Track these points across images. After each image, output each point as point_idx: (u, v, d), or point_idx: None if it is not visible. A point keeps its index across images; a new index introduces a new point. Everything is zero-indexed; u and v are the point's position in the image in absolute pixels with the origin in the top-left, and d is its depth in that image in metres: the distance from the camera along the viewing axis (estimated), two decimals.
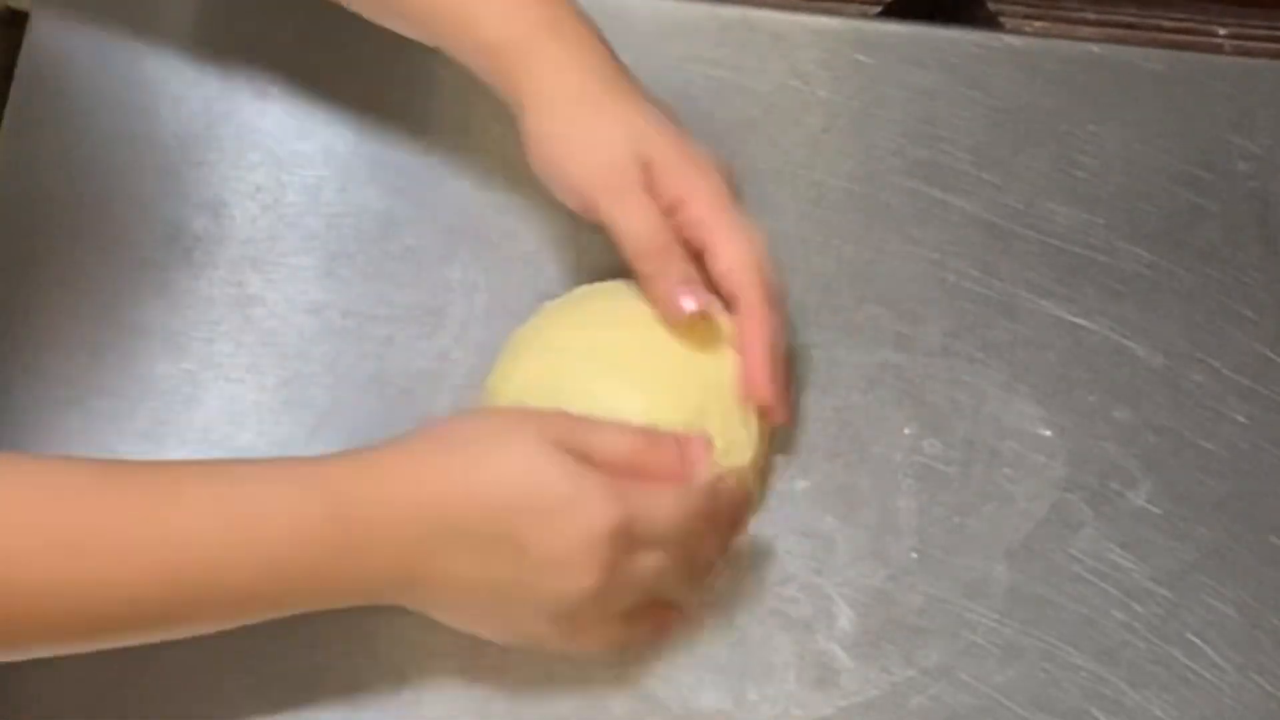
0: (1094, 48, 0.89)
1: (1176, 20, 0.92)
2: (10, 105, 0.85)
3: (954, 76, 0.87)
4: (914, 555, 0.78)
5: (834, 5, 0.91)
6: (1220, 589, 0.78)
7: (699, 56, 0.77)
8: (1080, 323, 0.83)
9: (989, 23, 0.92)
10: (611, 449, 0.69)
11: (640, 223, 0.73)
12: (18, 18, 0.88)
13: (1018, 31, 0.91)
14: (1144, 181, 0.86)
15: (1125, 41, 0.90)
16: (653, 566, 0.69)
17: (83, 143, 0.85)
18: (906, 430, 0.80)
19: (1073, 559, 0.78)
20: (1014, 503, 0.79)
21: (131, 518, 0.64)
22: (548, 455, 0.67)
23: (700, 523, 0.71)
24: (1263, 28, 0.91)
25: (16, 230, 0.83)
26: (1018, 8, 0.92)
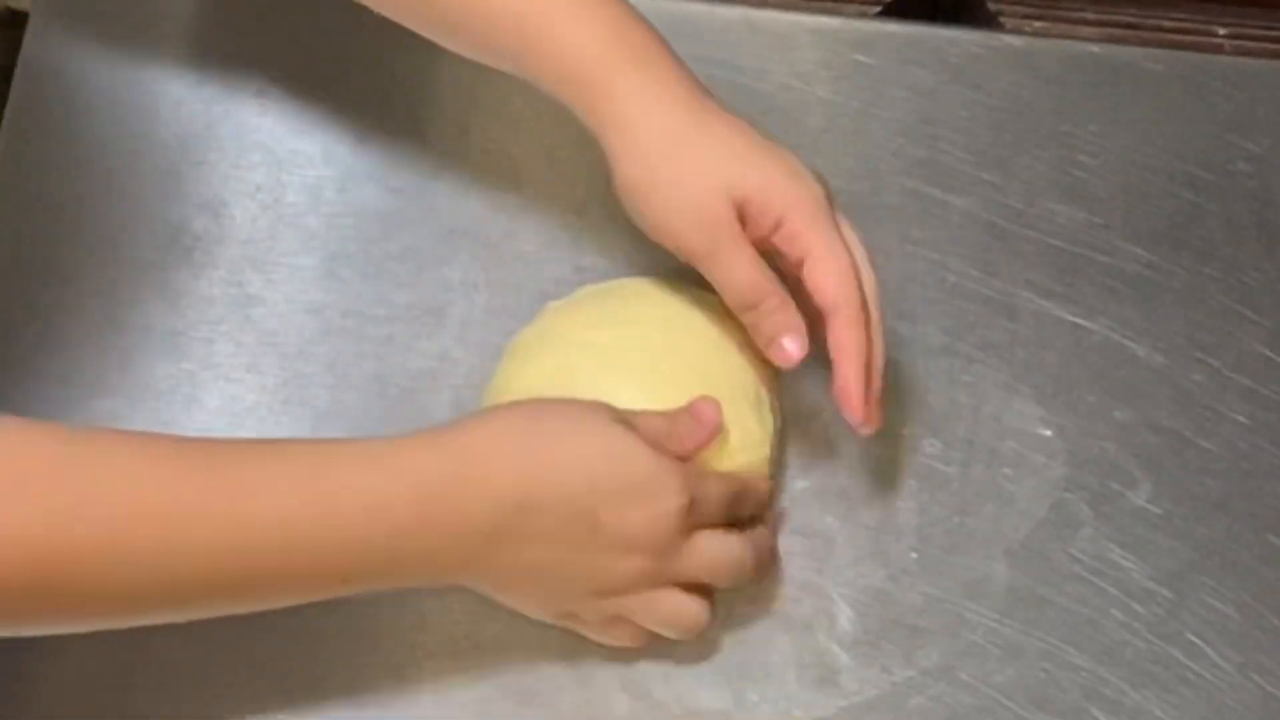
0: (1094, 48, 0.89)
1: (1176, 20, 0.92)
2: (10, 105, 0.85)
3: (954, 76, 0.87)
4: (914, 555, 0.78)
5: (834, 5, 0.91)
6: (1220, 589, 0.78)
7: (699, 56, 0.76)
8: (1080, 323, 0.83)
9: (989, 23, 0.92)
10: (650, 434, 0.71)
11: (740, 275, 0.72)
12: (18, 18, 0.88)
13: (1018, 31, 0.91)
14: (1144, 181, 0.86)
15: (1125, 41, 0.90)
16: (696, 551, 0.71)
17: (83, 143, 0.85)
18: (906, 430, 0.80)
19: (1073, 559, 0.78)
20: (1014, 503, 0.79)
21: (210, 493, 0.65)
22: (625, 437, 0.69)
23: (736, 508, 0.73)
24: (1263, 28, 0.91)
25: (16, 230, 0.83)
26: (1018, 8, 0.92)
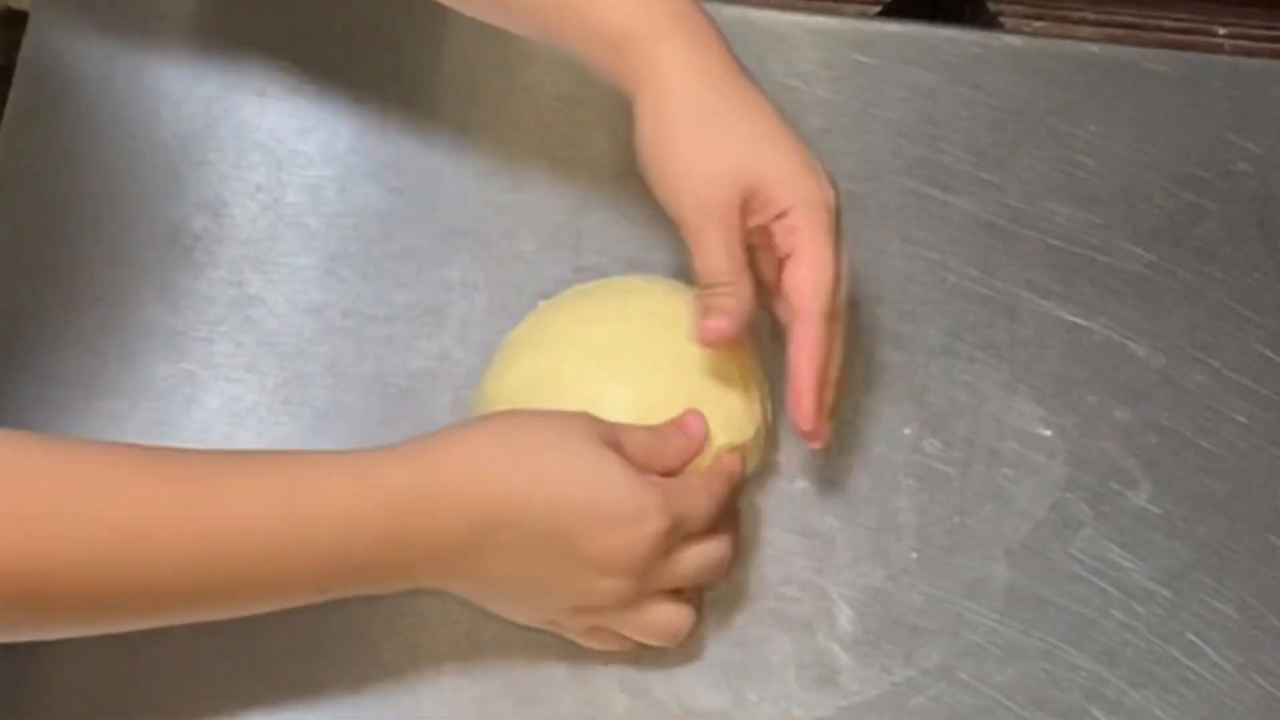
0: (1094, 48, 0.89)
1: (1176, 20, 0.92)
2: (10, 105, 0.85)
3: (954, 76, 0.87)
4: (914, 555, 0.78)
5: (834, 5, 0.91)
6: (1220, 589, 0.78)
7: None
8: (1080, 323, 0.83)
9: (989, 23, 0.92)
10: (635, 450, 0.70)
11: (715, 254, 0.72)
12: (18, 18, 0.88)
13: (1018, 31, 0.91)
14: (1144, 181, 0.86)
15: (1125, 41, 0.90)
16: (680, 563, 0.71)
17: (83, 142, 0.85)
18: (906, 430, 0.80)
19: (1073, 559, 0.78)
20: (1014, 503, 0.79)
21: (189, 507, 0.65)
22: (609, 461, 0.69)
23: (722, 509, 0.72)
24: (1263, 28, 0.91)
25: (16, 230, 0.83)
26: (1018, 8, 0.92)
